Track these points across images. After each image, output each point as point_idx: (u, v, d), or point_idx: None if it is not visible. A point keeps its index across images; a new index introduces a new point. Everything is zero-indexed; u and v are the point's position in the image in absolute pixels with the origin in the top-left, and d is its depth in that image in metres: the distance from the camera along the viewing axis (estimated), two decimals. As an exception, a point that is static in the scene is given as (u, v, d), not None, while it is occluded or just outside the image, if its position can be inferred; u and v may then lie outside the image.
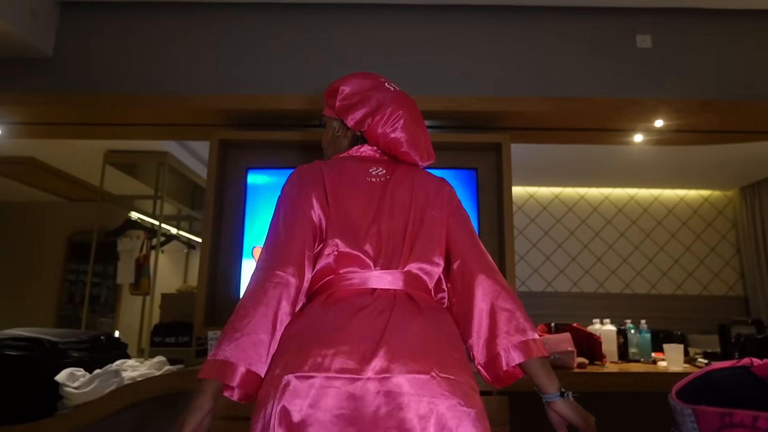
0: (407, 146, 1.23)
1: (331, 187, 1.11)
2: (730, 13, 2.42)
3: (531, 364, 1.02)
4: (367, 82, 1.28)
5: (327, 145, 1.33)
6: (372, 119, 1.21)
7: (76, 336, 2.03)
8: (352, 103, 1.25)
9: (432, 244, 1.12)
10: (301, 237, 1.04)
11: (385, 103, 1.23)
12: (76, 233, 4.72)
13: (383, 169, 1.20)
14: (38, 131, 2.63)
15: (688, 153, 3.56)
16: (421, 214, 1.14)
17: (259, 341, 0.93)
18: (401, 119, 1.22)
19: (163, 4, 2.40)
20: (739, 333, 2.09)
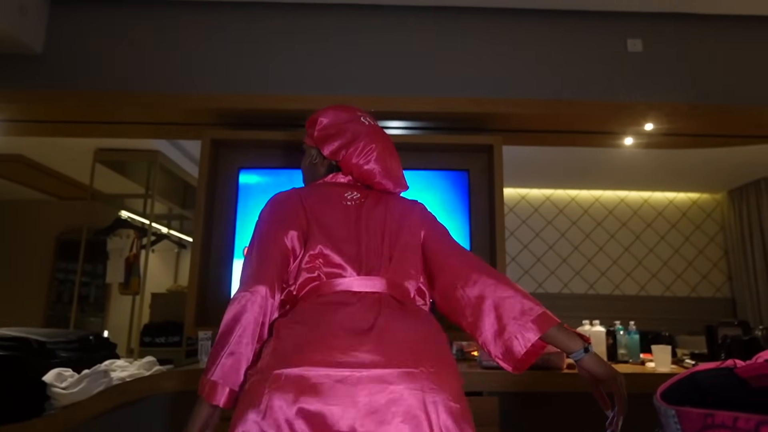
0: (380, 177, 1.31)
1: (309, 206, 1.19)
2: (720, 18, 2.45)
3: (549, 334, 1.07)
4: (345, 114, 1.35)
5: (305, 171, 1.42)
6: (346, 151, 1.29)
7: (64, 336, 2.01)
8: (329, 134, 1.33)
9: (407, 257, 1.18)
10: (273, 259, 1.09)
11: (359, 136, 1.30)
12: (65, 232, 4.67)
13: (358, 193, 1.28)
14: (27, 129, 2.60)
15: (678, 156, 3.60)
16: (396, 230, 1.20)
17: (239, 360, 0.99)
18: (374, 152, 1.29)
19: (155, 2, 2.38)
20: (726, 334, 2.12)
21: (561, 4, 2.40)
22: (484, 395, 1.76)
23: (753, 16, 2.45)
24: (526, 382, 1.78)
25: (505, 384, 1.78)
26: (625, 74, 2.39)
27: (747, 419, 0.46)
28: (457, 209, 2.30)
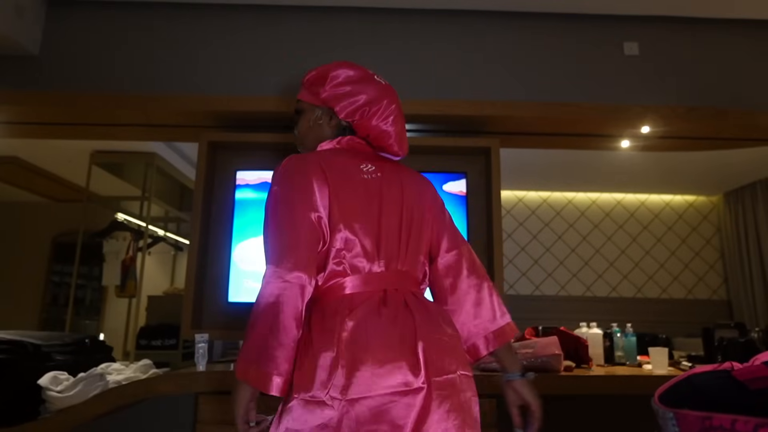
0: (395, 139, 1.28)
1: (332, 181, 1.11)
2: (716, 21, 2.46)
3: (501, 348, 1.18)
4: (356, 72, 1.28)
5: (306, 133, 1.29)
6: (369, 110, 1.23)
7: (60, 339, 2.00)
8: (344, 92, 1.24)
9: (421, 244, 1.19)
10: (308, 240, 1.04)
11: (380, 95, 1.25)
12: (61, 234, 4.66)
13: (372, 165, 1.21)
14: (23, 130, 2.59)
15: (674, 159, 3.61)
16: (411, 214, 1.18)
17: (289, 352, 0.97)
18: (393, 113, 1.26)
19: (153, 4, 2.38)
20: (722, 336, 2.12)
21: (558, 8, 2.41)
22: (482, 397, 1.75)
23: (748, 20, 2.46)
24: (524, 385, 1.77)
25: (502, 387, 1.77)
26: (621, 77, 2.40)
27: (746, 421, 0.46)
28: (455, 211, 2.31)
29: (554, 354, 1.85)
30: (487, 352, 1.17)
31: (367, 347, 0.96)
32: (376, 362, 0.94)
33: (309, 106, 1.29)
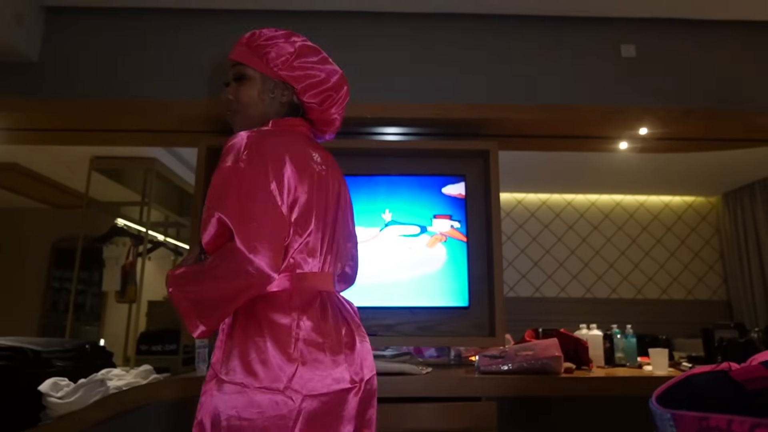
0: (336, 128, 1.29)
1: (295, 176, 1.05)
2: (712, 23, 2.47)
3: None
4: (317, 51, 1.21)
5: (251, 104, 1.14)
6: (334, 96, 1.20)
7: (60, 345, 2.00)
8: (309, 72, 1.16)
9: (347, 246, 1.28)
10: (282, 235, 1.01)
11: (341, 81, 1.23)
12: (60, 240, 4.66)
13: (318, 155, 1.17)
14: (22, 137, 2.60)
15: (672, 160, 3.62)
16: (344, 214, 1.24)
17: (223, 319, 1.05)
18: (345, 101, 1.25)
19: (151, 10, 2.39)
20: (722, 337, 2.13)
21: (554, 11, 2.42)
22: (482, 400, 1.75)
23: (744, 21, 2.48)
24: (524, 387, 1.78)
25: (502, 389, 1.78)
26: (619, 79, 2.41)
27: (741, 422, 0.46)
28: (454, 214, 2.31)
29: (554, 356, 1.85)
30: None
31: (322, 347, 1.01)
32: (329, 362, 1.01)
33: (259, 75, 1.15)
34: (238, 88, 1.15)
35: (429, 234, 2.28)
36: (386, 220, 2.29)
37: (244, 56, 1.16)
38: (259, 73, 1.15)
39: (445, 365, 2.26)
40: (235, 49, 1.17)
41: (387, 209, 2.30)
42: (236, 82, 1.15)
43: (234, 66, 1.15)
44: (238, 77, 1.15)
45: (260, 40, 1.16)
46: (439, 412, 1.72)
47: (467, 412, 1.73)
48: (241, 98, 1.15)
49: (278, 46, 1.16)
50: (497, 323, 2.14)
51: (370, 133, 2.46)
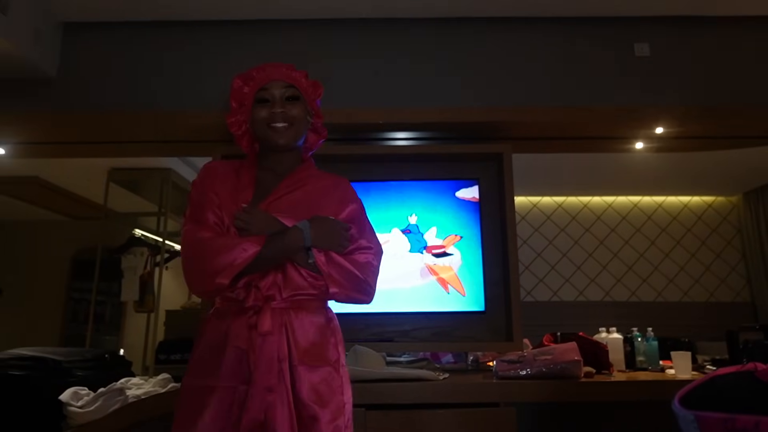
0: None
1: None
2: (727, 19, 2.43)
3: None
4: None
5: (303, 121, 1.30)
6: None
7: (80, 354, 2.02)
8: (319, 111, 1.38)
9: None
10: None
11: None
12: (80, 251, 4.74)
13: None
14: (42, 150, 2.66)
15: (691, 159, 3.56)
16: None
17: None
18: None
19: (165, 23, 2.43)
20: (747, 339, 2.07)
21: (566, 12, 2.41)
22: (501, 406, 1.73)
23: (761, 17, 2.43)
24: (543, 392, 1.75)
25: (521, 394, 1.75)
26: (633, 78, 2.38)
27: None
28: (468, 218, 2.30)
29: (574, 360, 1.82)
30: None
31: None
32: None
33: (304, 102, 1.31)
34: (295, 106, 1.28)
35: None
36: (410, 222, 2.29)
37: (301, 81, 1.32)
38: (304, 99, 1.31)
39: (462, 371, 2.23)
40: (290, 74, 1.31)
41: (413, 213, 2.29)
42: (290, 100, 1.28)
43: (288, 87, 1.28)
44: (295, 97, 1.28)
45: (304, 73, 1.34)
46: (458, 419, 1.70)
47: (486, 418, 1.70)
48: (298, 115, 1.28)
49: (315, 83, 1.36)
50: (515, 328, 2.11)
51: (382, 138, 2.46)
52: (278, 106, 1.25)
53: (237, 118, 1.31)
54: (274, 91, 1.26)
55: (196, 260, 1.11)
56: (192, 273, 1.12)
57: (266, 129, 1.25)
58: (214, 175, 1.25)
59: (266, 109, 1.26)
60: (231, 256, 1.07)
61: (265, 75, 1.28)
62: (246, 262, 1.07)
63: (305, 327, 1.14)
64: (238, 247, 1.08)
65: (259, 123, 1.26)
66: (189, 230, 1.16)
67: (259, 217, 1.15)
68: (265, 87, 1.27)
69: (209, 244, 1.11)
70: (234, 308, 1.14)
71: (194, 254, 1.12)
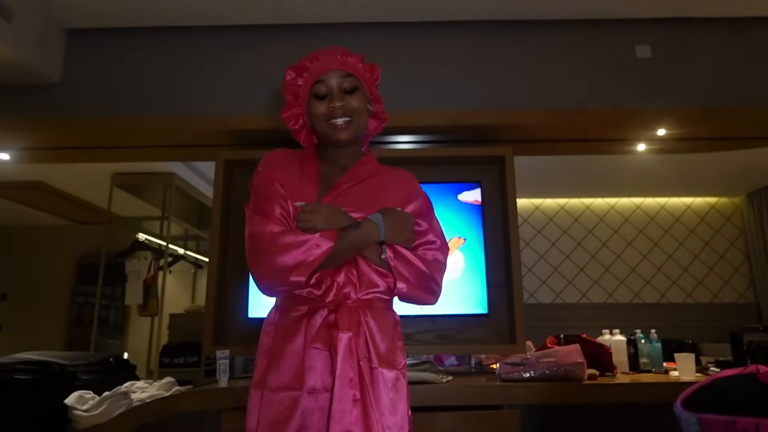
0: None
1: None
2: (728, 21, 2.43)
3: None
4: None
5: (363, 112, 1.21)
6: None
7: (85, 358, 2.04)
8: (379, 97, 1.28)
9: None
10: None
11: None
12: (84, 256, 4.76)
13: None
14: (46, 156, 2.67)
15: (693, 160, 3.55)
16: None
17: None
18: None
19: (169, 28, 2.44)
20: (751, 340, 2.07)
21: (568, 15, 2.41)
22: (504, 408, 1.73)
23: (761, 18, 2.43)
24: (547, 395, 1.75)
25: (525, 397, 1.75)
26: (634, 80, 2.38)
27: (771, 425, 0.45)
28: (471, 221, 2.30)
29: (577, 362, 1.82)
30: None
31: None
32: None
33: (362, 88, 1.21)
34: (354, 97, 1.18)
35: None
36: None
37: (356, 68, 1.22)
38: (363, 87, 1.21)
39: (465, 373, 2.23)
40: (346, 61, 1.21)
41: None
42: (348, 92, 1.18)
43: (346, 77, 1.18)
44: (353, 87, 1.19)
45: (360, 59, 1.24)
46: (461, 421, 1.70)
47: (489, 420, 1.70)
48: (358, 106, 1.19)
49: (372, 66, 1.27)
50: (518, 330, 2.11)
51: (384, 141, 2.47)
52: (337, 99, 1.16)
53: (293, 112, 1.24)
54: (331, 82, 1.18)
55: (267, 255, 1.03)
56: (262, 268, 1.04)
57: (326, 125, 1.17)
58: (279, 165, 1.17)
59: (324, 103, 1.17)
60: (305, 252, 1.01)
61: (320, 65, 1.19)
62: (321, 258, 1.01)
63: (380, 327, 1.08)
64: (310, 243, 1.02)
65: (318, 119, 1.18)
66: (257, 223, 1.07)
67: (323, 212, 1.07)
68: (322, 79, 1.18)
69: (280, 239, 1.03)
70: (307, 306, 1.07)
71: (264, 249, 1.04)
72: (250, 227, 1.09)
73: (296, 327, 1.06)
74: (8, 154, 2.63)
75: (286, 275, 1.01)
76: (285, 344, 1.05)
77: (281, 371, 1.03)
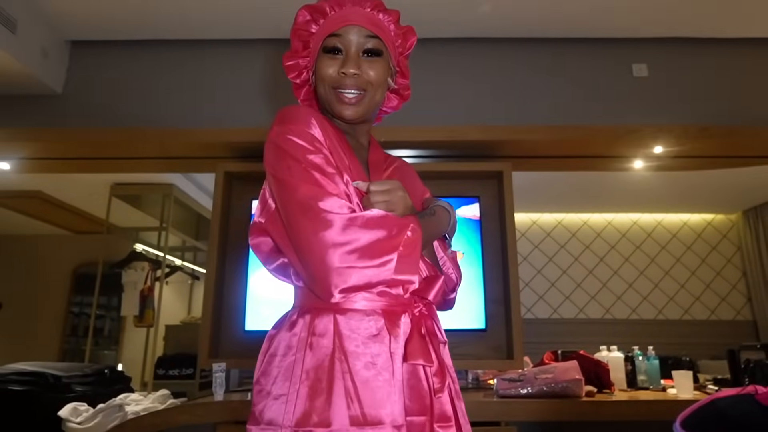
0: None
1: None
2: (722, 41, 2.47)
3: None
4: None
5: (382, 86, 0.95)
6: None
7: (80, 370, 2.02)
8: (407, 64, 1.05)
9: None
10: None
11: None
12: (81, 265, 4.75)
13: None
14: (46, 165, 2.68)
15: (690, 177, 3.58)
16: None
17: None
18: None
19: (170, 42, 2.47)
20: (748, 358, 2.07)
21: (566, 33, 2.45)
22: (502, 425, 1.72)
23: (756, 39, 2.47)
24: (545, 411, 1.74)
25: (522, 413, 1.75)
26: (631, 98, 2.41)
27: (769, 447, 0.45)
28: (470, 236, 2.31)
29: (575, 379, 1.82)
30: None
31: None
32: None
33: (387, 56, 0.96)
34: (374, 65, 0.93)
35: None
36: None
37: (382, 29, 0.95)
38: (387, 52, 0.96)
39: (462, 389, 2.22)
40: (375, 17, 0.95)
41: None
42: (369, 56, 0.93)
43: (370, 37, 0.93)
44: (376, 52, 0.94)
45: (394, 17, 0.99)
46: (458, 438, 1.69)
47: None
48: (376, 78, 0.93)
49: (401, 27, 1.00)
50: (515, 345, 2.11)
51: (384, 156, 2.49)
52: (352, 63, 0.91)
53: (297, 62, 1.00)
54: (349, 39, 0.92)
55: (353, 240, 0.76)
56: (346, 258, 0.75)
57: (331, 92, 0.93)
58: (316, 125, 0.86)
59: (336, 64, 0.92)
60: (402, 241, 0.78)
61: (341, 14, 0.93)
62: (419, 248, 0.80)
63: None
64: (405, 230, 0.79)
65: (323, 82, 0.94)
66: (325, 188, 0.79)
67: (400, 194, 0.85)
68: (338, 33, 0.92)
69: (372, 217, 0.78)
70: (382, 310, 0.82)
71: (345, 238, 0.76)
72: (304, 204, 0.78)
73: (371, 338, 0.79)
74: (8, 164, 2.63)
75: (385, 271, 0.76)
76: (352, 361, 0.77)
77: (365, 400, 0.75)
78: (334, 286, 0.76)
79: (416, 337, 0.81)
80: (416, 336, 0.81)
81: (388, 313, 0.82)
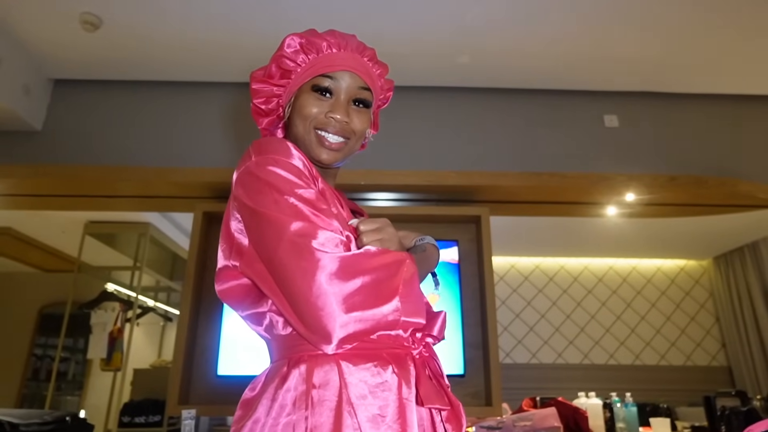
0: None
1: None
2: (689, 96, 2.61)
3: None
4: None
5: (362, 136, 0.94)
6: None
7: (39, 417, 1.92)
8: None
9: None
10: None
11: None
12: (47, 305, 4.57)
13: None
14: (19, 202, 2.63)
15: (662, 224, 3.68)
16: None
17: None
18: None
19: (151, 83, 2.50)
20: (724, 406, 2.08)
21: (542, 85, 2.56)
22: (481, 476, 1.68)
23: (721, 95, 2.61)
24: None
25: None
26: (603, 148, 2.50)
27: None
28: (449, 279, 2.31)
29: (553, 426, 1.80)
30: None
31: None
32: None
33: (371, 107, 0.95)
34: (361, 115, 0.92)
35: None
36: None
37: (373, 81, 0.94)
38: (370, 103, 0.95)
39: (441, 437, 2.17)
40: (370, 70, 0.94)
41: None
42: (358, 106, 0.92)
43: (363, 88, 0.92)
44: (366, 103, 0.93)
45: (384, 71, 0.97)
46: (436, 489, 1.64)
47: None
48: (361, 128, 0.92)
49: (389, 85, 0.99)
50: (494, 392, 2.09)
51: (363, 199, 2.51)
52: (342, 110, 0.89)
53: (271, 88, 0.94)
54: (343, 83, 0.89)
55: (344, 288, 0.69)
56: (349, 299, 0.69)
57: (312, 133, 0.89)
58: (300, 158, 0.82)
59: (324, 104, 0.89)
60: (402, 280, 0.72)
61: (340, 57, 0.90)
62: (418, 286, 0.76)
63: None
64: (404, 268, 0.74)
65: (304, 120, 0.89)
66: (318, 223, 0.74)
67: (390, 230, 0.82)
68: (333, 75, 0.89)
69: (374, 255, 0.74)
70: (384, 353, 0.75)
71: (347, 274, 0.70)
72: (300, 228, 0.72)
73: (377, 386, 0.71)
74: (-21, 200, 2.58)
75: (393, 313, 0.70)
76: (362, 415, 0.69)
77: None
78: (335, 335, 0.68)
79: (424, 379, 0.75)
80: (424, 378, 0.75)
81: (392, 356, 0.75)
